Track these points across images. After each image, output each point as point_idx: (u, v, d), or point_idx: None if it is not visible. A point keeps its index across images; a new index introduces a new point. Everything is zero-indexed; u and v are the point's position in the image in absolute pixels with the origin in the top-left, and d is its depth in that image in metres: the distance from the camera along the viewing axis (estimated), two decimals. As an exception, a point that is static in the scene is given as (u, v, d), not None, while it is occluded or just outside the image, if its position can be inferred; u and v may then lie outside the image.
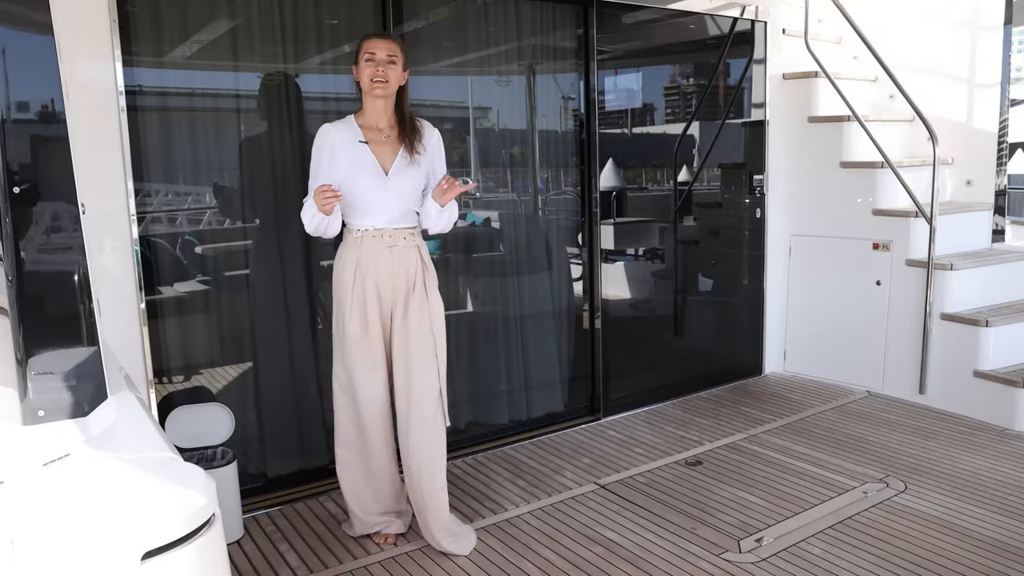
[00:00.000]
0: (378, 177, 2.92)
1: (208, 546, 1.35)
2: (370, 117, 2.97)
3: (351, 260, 2.94)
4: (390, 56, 2.89)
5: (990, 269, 4.58)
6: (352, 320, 2.94)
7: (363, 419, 3.01)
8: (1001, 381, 4.18)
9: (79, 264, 1.44)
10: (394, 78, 2.91)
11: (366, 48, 2.89)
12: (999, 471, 3.65)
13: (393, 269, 2.94)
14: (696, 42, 5.04)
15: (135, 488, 1.35)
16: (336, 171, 2.90)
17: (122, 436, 1.47)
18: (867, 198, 4.75)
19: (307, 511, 3.37)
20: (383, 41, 2.91)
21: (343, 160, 2.91)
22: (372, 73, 2.87)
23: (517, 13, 4.08)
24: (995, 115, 4.89)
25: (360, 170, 2.91)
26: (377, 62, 2.87)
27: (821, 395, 4.78)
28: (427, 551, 3.02)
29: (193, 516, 1.33)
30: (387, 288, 2.95)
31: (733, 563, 2.90)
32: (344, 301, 2.95)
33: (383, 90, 2.89)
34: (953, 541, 3.03)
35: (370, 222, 2.92)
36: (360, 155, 2.92)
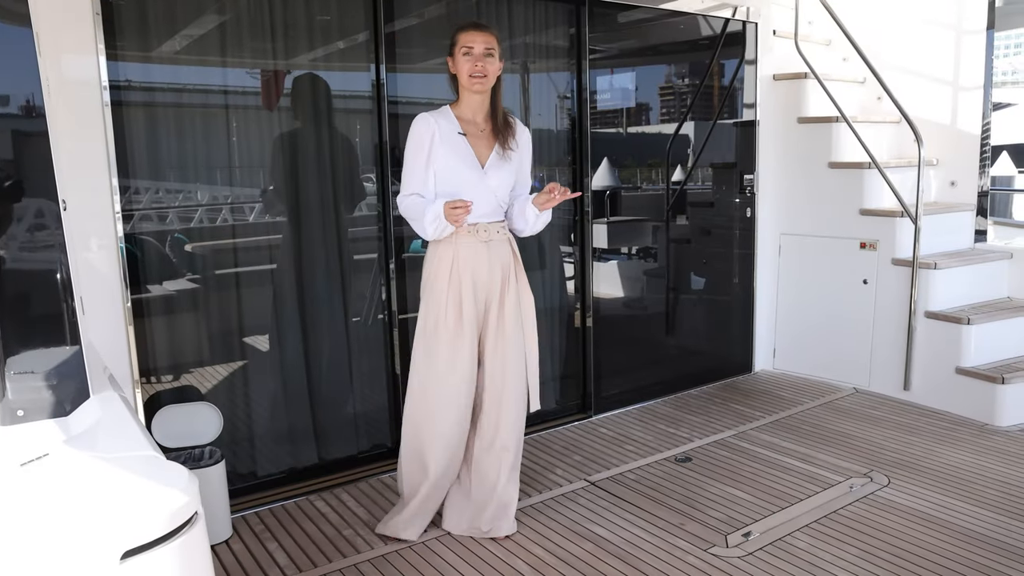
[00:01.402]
0: (476, 170, 2.92)
1: (190, 545, 1.36)
2: (467, 110, 2.95)
3: (447, 256, 2.92)
4: (488, 49, 2.85)
5: (973, 268, 4.63)
6: (447, 317, 2.92)
7: (437, 423, 2.98)
8: (982, 378, 4.23)
9: (60, 262, 1.45)
10: (492, 72, 2.88)
11: (463, 41, 2.85)
12: (979, 465, 3.69)
13: (491, 264, 2.95)
14: (688, 42, 5.06)
15: (115, 487, 1.36)
16: (435, 162, 2.88)
17: (104, 435, 1.48)
18: (854, 198, 4.79)
19: (297, 510, 3.39)
20: (480, 34, 2.85)
21: (443, 151, 2.88)
22: (471, 68, 2.84)
23: (510, 11, 4.09)
24: (978, 118, 4.93)
25: (460, 162, 2.89)
26: (475, 56, 2.84)
27: (809, 392, 4.81)
28: (415, 548, 3.04)
29: (174, 514, 1.33)
30: (484, 283, 2.95)
31: (720, 557, 2.93)
32: (440, 298, 2.92)
33: (482, 85, 2.87)
34: (934, 534, 3.06)
35: (468, 217, 2.87)
36: (459, 147, 2.90)
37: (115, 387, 1.90)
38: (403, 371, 3.83)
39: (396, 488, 3.55)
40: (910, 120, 4.40)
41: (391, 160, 3.69)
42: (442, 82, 4.16)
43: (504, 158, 2.97)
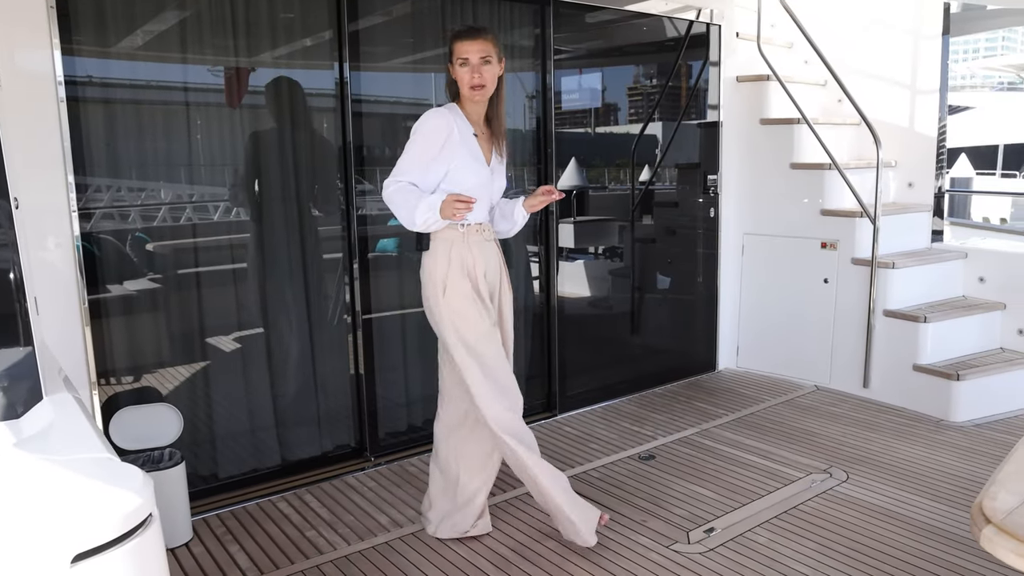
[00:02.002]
0: (486, 170, 2.94)
1: (144, 547, 1.34)
2: (472, 113, 2.93)
3: (462, 255, 2.90)
4: (484, 57, 2.82)
5: (929, 268, 4.72)
6: (482, 317, 2.92)
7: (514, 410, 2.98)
8: (938, 374, 4.32)
9: (12, 261, 1.42)
10: (491, 78, 2.86)
11: (458, 52, 2.84)
12: (935, 460, 3.77)
13: (494, 261, 2.99)
14: (654, 43, 5.10)
15: (66, 489, 1.33)
16: (451, 160, 2.84)
17: (57, 438, 1.46)
18: (816, 199, 4.86)
19: (259, 512, 3.36)
20: (475, 43, 2.82)
21: (460, 150, 2.85)
22: (469, 79, 2.82)
23: (475, 11, 4.09)
24: (935, 121, 5.04)
25: (474, 162, 2.90)
26: (472, 67, 2.82)
27: (772, 390, 4.88)
28: (379, 548, 3.04)
29: (128, 517, 1.31)
30: (491, 280, 2.99)
31: (682, 554, 2.96)
32: (468, 293, 2.90)
33: (482, 95, 2.87)
34: (890, 527, 3.12)
35: (475, 216, 2.88)
36: (473, 148, 2.91)
37: (70, 389, 1.88)
38: (366, 371, 3.82)
39: (359, 489, 3.56)
40: (869, 122, 4.47)
41: (355, 159, 3.68)
42: (407, 81, 4.20)
43: (500, 161, 3.01)
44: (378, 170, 4.10)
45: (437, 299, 2.91)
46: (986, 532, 1.54)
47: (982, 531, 1.55)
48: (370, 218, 3.86)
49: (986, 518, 1.57)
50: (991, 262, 4.82)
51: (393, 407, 4.01)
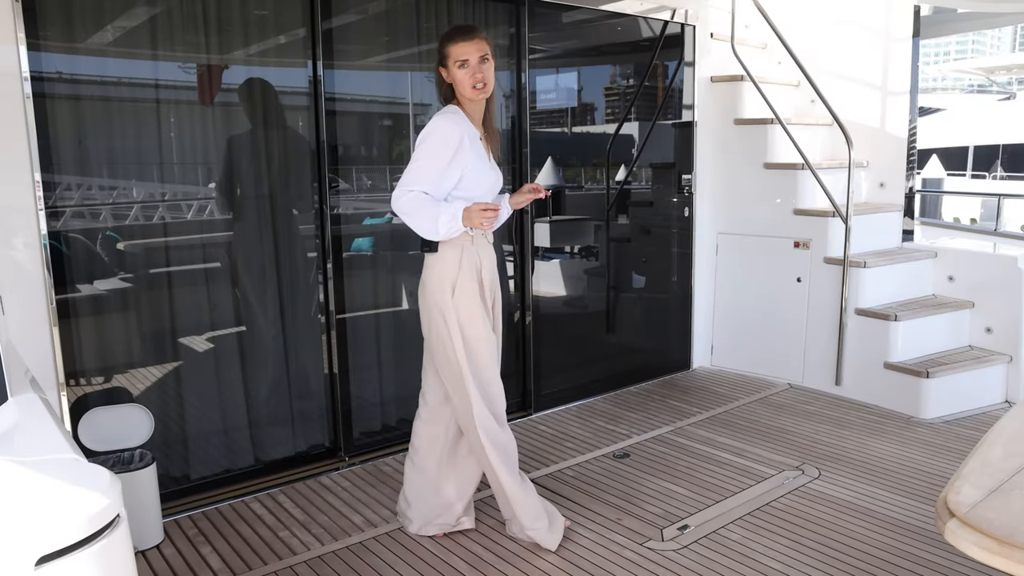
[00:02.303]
0: (494, 173, 2.94)
1: (111, 549, 1.32)
2: (471, 115, 2.88)
3: (472, 259, 2.89)
4: (482, 57, 2.78)
5: (900, 267, 4.78)
6: (485, 322, 2.93)
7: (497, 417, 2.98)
8: (908, 372, 4.37)
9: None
10: (491, 76, 2.82)
11: (455, 55, 2.77)
12: (905, 456, 3.82)
13: (484, 265, 2.96)
14: (629, 43, 5.12)
15: (30, 491, 1.32)
16: (464, 166, 2.80)
17: (22, 438, 1.44)
18: (788, 198, 4.90)
19: (232, 513, 3.34)
20: (472, 43, 2.77)
21: (471, 157, 2.82)
22: (471, 80, 2.77)
23: (449, 10, 4.09)
24: (905, 122, 5.10)
25: (485, 166, 2.89)
26: (473, 67, 2.77)
27: (745, 388, 4.91)
28: (352, 547, 3.02)
29: (94, 518, 1.30)
30: (494, 282, 3.01)
31: (655, 551, 2.98)
32: (476, 299, 2.90)
33: (484, 93, 2.83)
34: (861, 523, 3.16)
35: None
36: (480, 151, 2.88)
37: (36, 389, 1.85)
38: (341, 371, 3.81)
39: (334, 489, 3.55)
40: (841, 123, 4.52)
41: (329, 158, 3.66)
42: (382, 79, 4.19)
43: (493, 162, 2.99)
44: (353, 169, 4.10)
45: (445, 300, 2.87)
46: (950, 526, 1.57)
47: (946, 524, 1.58)
48: (344, 217, 3.84)
49: (950, 512, 1.60)
50: (960, 261, 4.89)
51: (367, 407, 4.00)
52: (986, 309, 4.70)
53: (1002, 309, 4.63)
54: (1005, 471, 1.80)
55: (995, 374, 4.57)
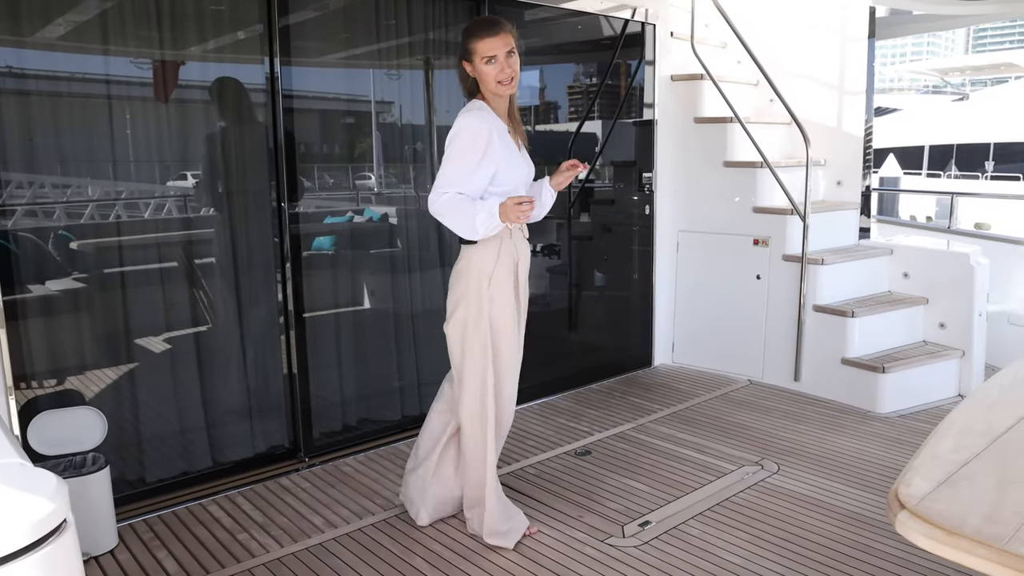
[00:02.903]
0: (526, 165, 2.91)
1: (57, 555, 1.29)
2: (498, 109, 2.86)
3: (509, 253, 2.88)
4: (509, 51, 2.76)
5: (857, 264, 4.86)
6: (514, 319, 2.93)
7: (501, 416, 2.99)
8: (864, 367, 4.45)
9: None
10: (518, 69, 2.80)
11: (482, 51, 2.74)
12: (861, 450, 3.88)
13: (515, 259, 2.93)
14: (590, 42, 5.13)
15: (-29, 495, 1.29)
16: (497, 162, 2.77)
17: (-37, 442, 1.40)
18: (748, 196, 4.95)
19: (189, 516, 3.28)
20: (497, 38, 2.74)
21: (502, 151, 2.79)
22: (499, 75, 2.75)
23: (409, 7, 4.06)
24: (861, 121, 5.18)
25: (518, 160, 2.87)
26: (500, 63, 2.74)
27: (706, 385, 4.96)
28: (312, 549, 3.00)
29: (39, 524, 1.27)
30: (513, 281, 2.93)
31: (616, 547, 2.99)
32: (510, 296, 2.89)
33: (512, 88, 2.80)
34: (819, 516, 3.20)
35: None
36: (511, 146, 2.85)
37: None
38: (300, 371, 3.77)
39: (293, 490, 3.51)
40: (799, 122, 4.58)
41: (287, 156, 3.62)
42: (342, 77, 4.16)
43: (524, 152, 2.95)
44: (315, 167, 4.06)
45: (480, 290, 2.86)
46: (900, 517, 1.59)
47: (897, 516, 1.60)
48: (304, 216, 3.80)
49: (901, 504, 1.62)
50: (915, 258, 4.98)
51: (328, 407, 3.96)
52: (939, 305, 4.80)
53: (955, 305, 4.72)
54: (954, 463, 1.83)
55: (948, 369, 4.67)
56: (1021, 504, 1.60)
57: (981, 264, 4.71)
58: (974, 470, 1.79)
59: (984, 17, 6.11)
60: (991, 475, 1.77)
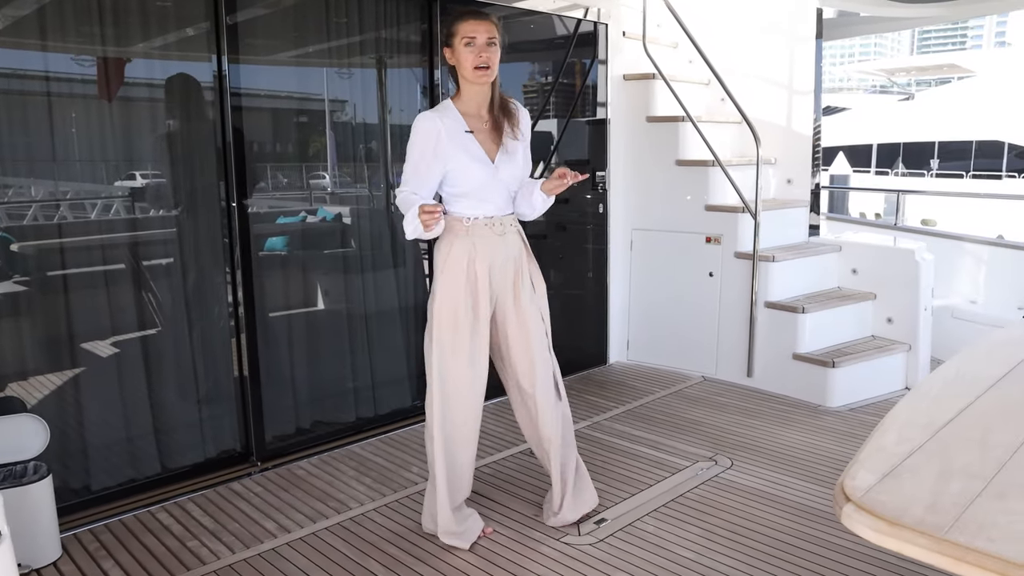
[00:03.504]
0: (488, 167, 2.87)
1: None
2: (470, 104, 2.87)
3: (462, 249, 2.87)
4: (490, 39, 2.77)
5: (807, 260, 4.93)
6: (467, 311, 2.90)
7: (453, 418, 2.96)
8: (815, 362, 4.52)
9: None
10: (496, 61, 2.80)
11: (463, 32, 2.76)
12: (812, 444, 3.95)
13: (505, 257, 2.94)
14: (543, 41, 5.14)
15: None
16: (446, 162, 2.81)
17: None
18: (700, 194, 5.00)
19: (137, 524, 3.21)
20: (482, 23, 2.77)
21: (453, 151, 2.81)
22: (475, 60, 2.76)
23: (360, 5, 4.03)
24: (810, 121, 5.27)
25: (471, 161, 2.83)
26: (478, 47, 2.75)
27: (661, 382, 4.99)
28: (264, 555, 2.95)
29: (-31, 535, 1.23)
30: (499, 276, 2.94)
31: (572, 545, 2.99)
32: (458, 293, 2.88)
33: (487, 77, 2.80)
34: (771, 510, 3.25)
35: (481, 211, 2.89)
36: (469, 145, 2.84)
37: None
38: (252, 374, 3.71)
39: (245, 495, 3.46)
40: (749, 121, 4.63)
41: (236, 155, 3.56)
42: (292, 75, 4.11)
43: (511, 149, 2.92)
44: (267, 167, 4.01)
45: (434, 284, 2.95)
46: (846, 510, 1.61)
47: (842, 509, 1.62)
48: (255, 216, 3.75)
49: (846, 496, 1.64)
50: (863, 255, 5.08)
51: (281, 409, 3.91)
52: (887, 300, 4.90)
53: (901, 300, 4.82)
54: (898, 456, 1.86)
55: (896, 362, 4.77)
56: (960, 495, 1.63)
57: (926, 260, 4.82)
58: (917, 462, 1.82)
59: (928, 20, 6.25)
60: (933, 467, 1.81)
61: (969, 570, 1.42)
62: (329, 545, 3.03)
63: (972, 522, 1.50)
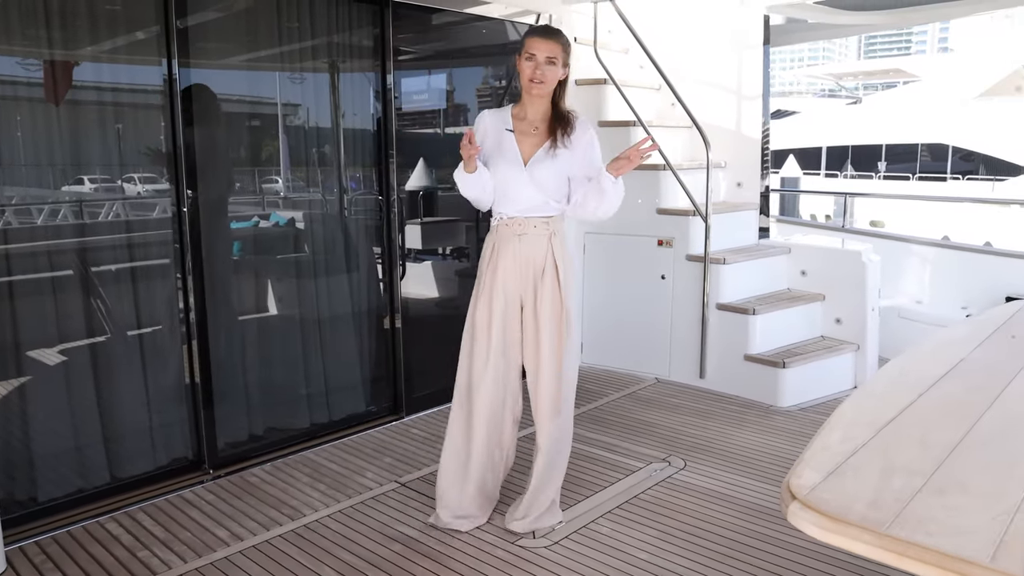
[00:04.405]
0: (517, 166, 3.03)
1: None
2: (527, 109, 3.07)
3: (488, 246, 3.12)
4: (550, 58, 2.96)
5: (757, 263, 5.02)
6: (480, 306, 3.09)
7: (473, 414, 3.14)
8: (766, 363, 4.60)
9: None
10: (551, 78, 2.99)
11: (528, 47, 2.97)
12: (764, 443, 4.02)
13: (517, 257, 3.06)
14: (496, 46, 5.15)
15: None
16: (486, 154, 3.08)
17: None
18: (652, 198, 5.06)
19: (85, 535, 3.15)
20: (545, 42, 2.96)
21: (490, 146, 3.08)
22: (531, 73, 2.96)
23: (312, 9, 4.00)
24: (759, 125, 5.37)
25: (500, 157, 3.05)
26: (536, 62, 2.95)
27: (615, 384, 5.04)
28: (217, 564, 2.92)
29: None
30: (513, 277, 3.07)
31: (527, 549, 3.01)
32: (481, 284, 3.11)
33: (540, 90, 2.99)
34: (724, 510, 3.30)
35: (506, 210, 3.07)
36: (504, 143, 3.06)
37: None
38: (203, 380, 3.66)
39: (197, 503, 3.42)
40: (699, 126, 4.70)
41: (186, 159, 3.51)
42: (245, 79, 4.07)
43: (555, 156, 3.03)
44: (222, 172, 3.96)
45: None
46: (792, 508, 1.65)
47: (789, 507, 1.66)
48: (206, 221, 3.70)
49: (792, 495, 1.68)
50: (812, 256, 5.19)
51: (233, 416, 3.86)
52: (836, 301, 5.01)
53: (850, 301, 4.94)
54: (842, 454, 1.92)
55: (844, 362, 4.88)
56: (902, 491, 1.68)
57: (873, 261, 4.94)
58: (860, 460, 1.88)
59: (873, 26, 6.41)
60: (875, 464, 1.86)
61: (910, 564, 1.46)
62: (283, 552, 3.00)
63: (912, 517, 1.55)
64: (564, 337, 3.11)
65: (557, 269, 3.10)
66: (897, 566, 1.48)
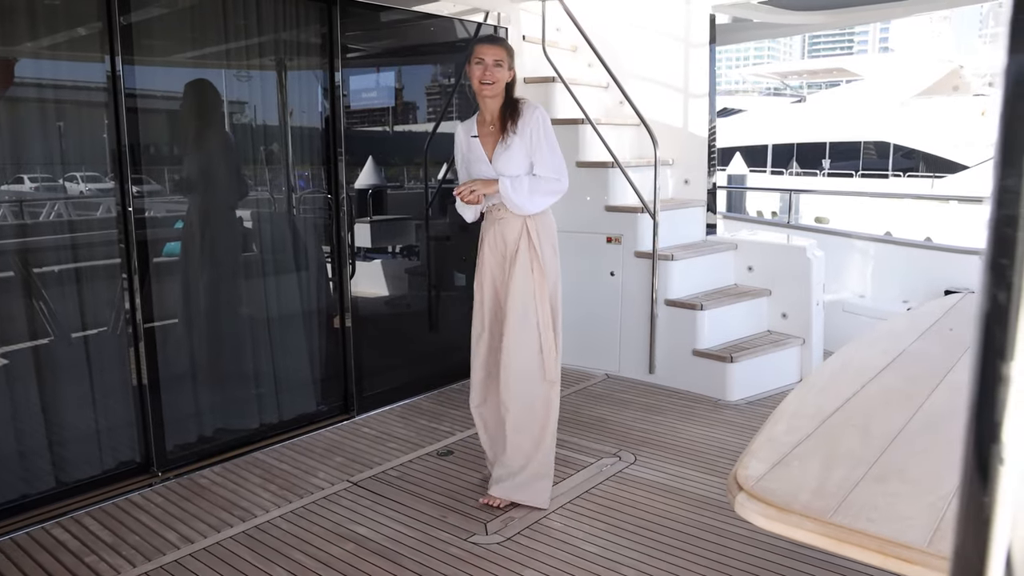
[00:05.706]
0: (485, 164, 3.35)
1: None
2: (485, 113, 3.38)
3: (482, 232, 3.47)
4: (496, 60, 3.24)
5: (704, 259, 5.11)
6: (477, 286, 3.47)
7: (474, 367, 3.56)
8: (714, 358, 4.69)
9: None
10: (500, 79, 3.27)
11: (476, 53, 3.26)
12: (712, 437, 4.10)
13: (495, 239, 3.39)
14: (445, 44, 5.15)
15: None
16: (465, 162, 3.44)
17: None
18: (600, 195, 5.11)
19: (30, 542, 3.08)
20: (491, 47, 3.27)
21: (466, 152, 3.43)
22: (480, 75, 3.24)
23: (259, 7, 3.96)
24: (705, 123, 5.45)
25: (474, 160, 3.39)
26: (485, 65, 3.23)
27: (566, 380, 5.02)
28: (168, 567, 2.88)
29: None
30: (497, 258, 3.40)
31: (479, 545, 3.03)
32: (478, 270, 3.45)
33: (490, 91, 3.26)
34: (673, 502, 3.36)
35: (488, 201, 3.35)
36: (474, 148, 3.39)
37: None
38: (151, 382, 3.61)
39: (145, 506, 3.37)
40: (647, 123, 4.76)
41: (131, 158, 3.45)
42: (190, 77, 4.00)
43: (509, 145, 3.29)
44: (165, 169, 3.90)
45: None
46: (739, 499, 1.70)
47: (736, 498, 1.71)
48: (151, 221, 3.64)
49: (739, 486, 1.73)
50: (758, 252, 5.29)
51: (182, 418, 3.81)
52: (781, 296, 5.12)
53: (795, 296, 5.05)
54: (787, 445, 1.97)
55: (790, 356, 4.99)
56: (844, 480, 1.74)
57: (817, 256, 5.06)
58: (805, 450, 1.93)
59: (816, 26, 6.56)
60: (819, 454, 1.92)
61: (852, 550, 1.52)
62: (233, 554, 2.98)
63: (855, 505, 1.61)
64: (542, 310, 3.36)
65: (532, 248, 3.34)
66: (840, 552, 1.53)
